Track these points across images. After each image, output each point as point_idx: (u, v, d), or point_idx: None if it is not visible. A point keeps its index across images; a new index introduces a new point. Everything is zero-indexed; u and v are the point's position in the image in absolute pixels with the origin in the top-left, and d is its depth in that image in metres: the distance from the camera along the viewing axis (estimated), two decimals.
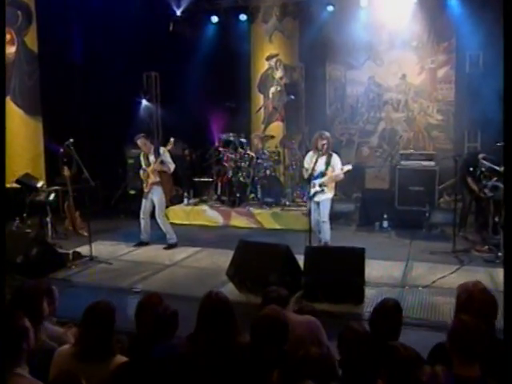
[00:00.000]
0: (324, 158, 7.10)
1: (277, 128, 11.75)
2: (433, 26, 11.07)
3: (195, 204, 10.57)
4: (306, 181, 7.29)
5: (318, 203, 7.18)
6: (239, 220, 9.83)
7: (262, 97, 12.10)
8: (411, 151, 10.02)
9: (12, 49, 10.38)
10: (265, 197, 10.03)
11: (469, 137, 10.41)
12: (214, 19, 11.90)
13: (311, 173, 7.00)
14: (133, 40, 10.65)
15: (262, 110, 12.03)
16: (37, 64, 10.77)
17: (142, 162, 8.24)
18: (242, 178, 10.19)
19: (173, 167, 8.24)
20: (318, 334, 3.40)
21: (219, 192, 10.60)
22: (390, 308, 3.17)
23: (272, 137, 11.02)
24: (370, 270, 6.06)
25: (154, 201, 8.13)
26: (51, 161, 10.55)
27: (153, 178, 8.09)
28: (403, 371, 2.47)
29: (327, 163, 7.10)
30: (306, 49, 11.48)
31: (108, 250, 8.02)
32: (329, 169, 7.10)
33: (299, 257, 5.91)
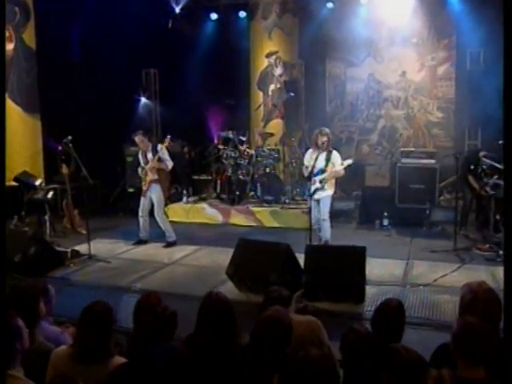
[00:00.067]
0: (324, 154, 7.08)
1: (276, 125, 11.70)
2: (433, 23, 11.03)
3: (194, 202, 10.53)
4: (306, 178, 7.24)
5: (318, 201, 7.16)
6: (239, 218, 9.79)
7: (261, 94, 12.05)
8: (412, 149, 9.99)
9: (10, 46, 10.30)
10: (264, 195, 9.98)
11: (469, 134, 10.38)
12: (214, 16, 11.89)
13: (311, 170, 6.97)
14: (132, 37, 10.57)
15: (262, 107, 11.97)
16: (35, 61, 10.69)
17: (141, 160, 8.19)
18: (241, 176, 10.15)
19: (171, 165, 8.18)
20: (319, 334, 3.36)
21: (218, 190, 10.57)
22: (393, 308, 3.12)
23: (272, 134, 10.97)
24: (371, 268, 6.03)
25: (153, 199, 8.08)
26: (50, 159, 10.50)
27: (151, 176, 8.04)
28: (405, 374, 2.43)
29: (327, 160, 7.07)
30: (305, 46, 11.44)
31: (107, 249, 7.97)
32: (329, 165, 7.07)
33: (299, 255, 5.86)
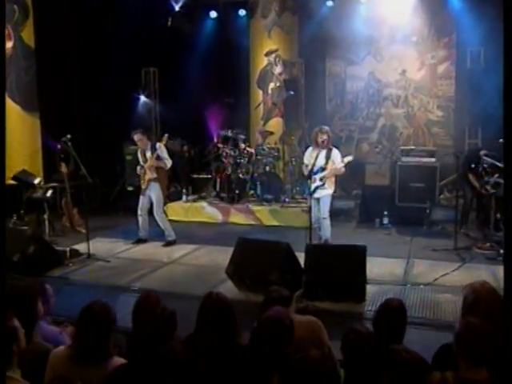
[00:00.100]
0: (324, 152, 7.06)
1: (276, 124, 11.66)
2: (433, 21, 10.97)
3: (194, 201, 10.49)
4: (306, 177, 7.22)
5: (318, 199, 7.14)
6: (238, 217, 9.76)
7: (261, 93, 12.00)
8: (412, 147, 9.96)
9: (9, 44, 10.27)
10: (264, 193, 9.95)
11: (469, 133, 10.34)
12: (213, 14, 11.84)
13: (311, 168, 6.94)
14: (131, 35, 10.55)
15: (261, 105, 11.92)
16: (34, 59, 10.66)
17: (140, 159, 8.16)
18: (241, 175, 10.12)
19: (169, 163, 8.14)
20: (320, 334, 3.34)
21: (218, 189, 10.53)
22: (395, 308, 3.10)
23: (271, 133, 10.94)
24: (371, 267, 5.97)
25: (152, 197, 8.05)
26: (49, 157, 10.47)
27: (150, 175, 8.00)
28: (405, 376, 2.41)
29: (327, 158, 7.06)
30: (305, 44, 11.39)
31: (106, 248, 7.94)
32: (329, 163, 7.06)
33: (299, 254, 5.84)
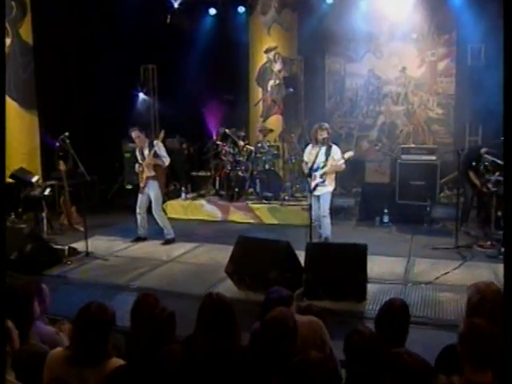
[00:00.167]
0: (324, 149, 7.04)
1: (276, 121, 11.61)
2: (433, 18, 10.94)
3: (193, 198, 10.45)
4: (306, 175, 7.17)
5: (318, 197, 7.10)
6: (238, 215, 9.72)
7: (260, 90, 11.93)
8: (412, 145, 9.92)
9: (7, 41, 10.19)
10: (263, 191, 9.89)
11: (470, 130, 10.31)
12: (212, 11, 11.79)
13: (311, 166, 6.91)
14: (130, 32, 10.50)
15: (261, 103, 11.87)
16: (32, 56, 10.58)
17: (138, 156, 8.11)
18: (240, 173, 10.07)
19: (167, 161, 8.06)
20: (321, 335, 3.30)
21: (217, 186, 10.49)
22: (398, 308, 3.06)
23: (271, 130, 10.89)
24: (372, 265, 5.92)
25: (151, 195, 8.00)
26: (47, 155, 10.40)
27: (148, 173, 7.95)
28: (408, 379, 2.37)
29: (327, 155, 7.04)
30: (304, 41, 11.33)
31: (104, 246, 7.90)
32: (329, 160, 7.03)
33: (299, 253, 5.80)
